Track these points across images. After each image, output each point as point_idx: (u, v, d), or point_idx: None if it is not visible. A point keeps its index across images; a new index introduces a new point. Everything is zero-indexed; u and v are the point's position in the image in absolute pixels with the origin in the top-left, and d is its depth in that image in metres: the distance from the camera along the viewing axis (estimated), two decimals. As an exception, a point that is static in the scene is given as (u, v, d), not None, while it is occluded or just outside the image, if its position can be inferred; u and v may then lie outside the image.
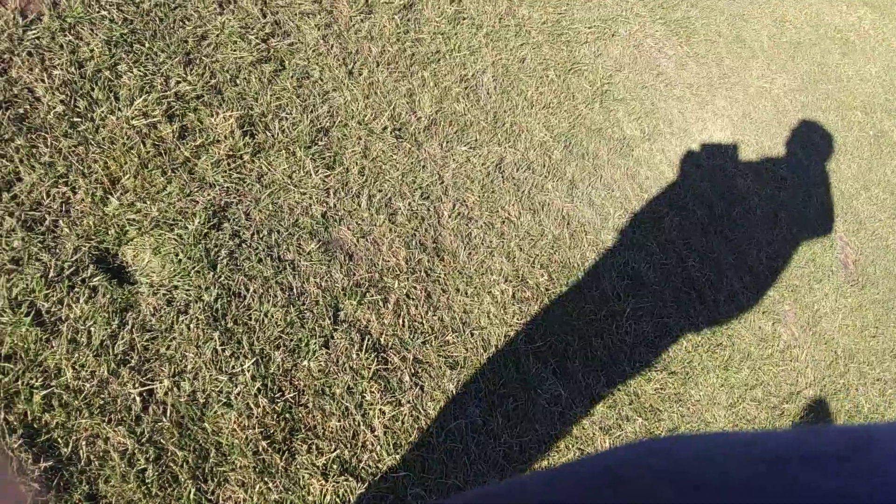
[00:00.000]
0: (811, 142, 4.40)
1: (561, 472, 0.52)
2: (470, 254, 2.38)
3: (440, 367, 2.09)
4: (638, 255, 2.89)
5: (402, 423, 1.94)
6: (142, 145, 1.91)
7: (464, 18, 3.04)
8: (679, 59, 3.97)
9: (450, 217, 2.41)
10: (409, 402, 1.98)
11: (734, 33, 4.54)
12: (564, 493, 0.48)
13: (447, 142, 2.59)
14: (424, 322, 2.15)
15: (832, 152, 4.44)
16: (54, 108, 1.83)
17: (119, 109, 1.93)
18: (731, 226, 3.41)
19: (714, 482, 0.40)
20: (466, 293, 2.29)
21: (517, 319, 2.34)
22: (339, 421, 1.84)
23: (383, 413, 1.91)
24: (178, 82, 2.07)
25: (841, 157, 4.49)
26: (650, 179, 3.23)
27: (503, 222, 2.55)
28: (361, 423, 1.87)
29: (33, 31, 1.90)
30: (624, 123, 3.35)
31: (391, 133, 2.45)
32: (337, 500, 1.74)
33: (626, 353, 2.54)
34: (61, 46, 1.93)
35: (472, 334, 2.22)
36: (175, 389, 1.67)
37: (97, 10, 2.03)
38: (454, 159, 2.57)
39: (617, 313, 2.62)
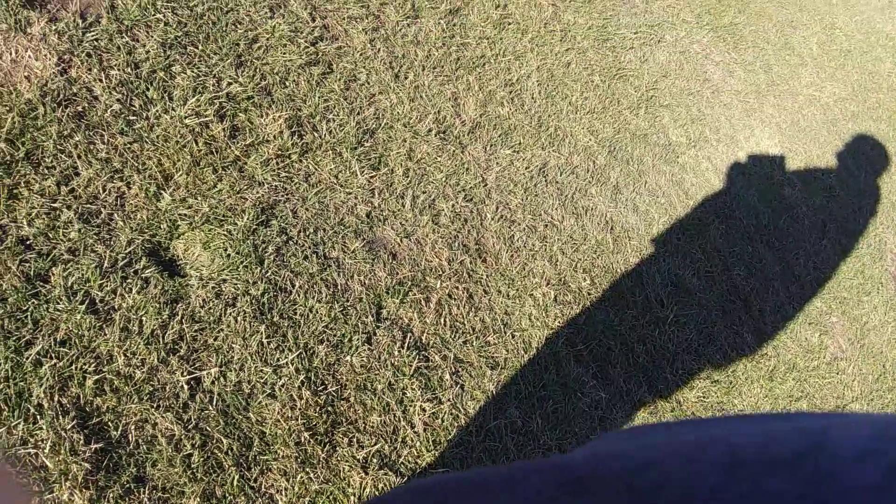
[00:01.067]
0: (861, 152, 4.32)
1: (520, 475, 0.51)
2: (512, 256, 2.39)
3: (481, 367, 2.10)
4: (682, 261, 2.86)
5: (442, 420, 1.95)
6: (194, 144, 1.97)
7: (509, 23, 3.06)
8: (726, 65, 3.94)
9: (493, 219, 2.42)
10: (449, 400, 1.99)
11: (782, 40, 4.49)
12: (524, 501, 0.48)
13: (491, 145, 2.61)
14: (466, 322, 2.16)
15: (884, 163, 4.36)
16: (111, 106, 1.89)
17: (173, 109, 1.99)
18: (777, 235, 3.37)
19: (673, 489, 0.40)
20: (508, 295, 2.30)
21: (558, 323, 2.35)
22: (380, 416, 1.86)
23: (424, 410, 1.93)
24: (230, 83, 2.13)
25: (892, 167, 4.40)
26: (696, 186, 3.21)
27: (546, 226, 2.55)
28: (402, 419, 1.89)
29: (92, 33, 1.97)
30: (669, 130, 3.33)
31: (436, 135, 2.48)
32: (376, 493, 1.76)
33: (669, 359, 2.52)
34: (118, 48, 1.99)
35: (513, 336, 2.22)
36: (221, 379, 1.70)
37: (153, 12, 2.10)
38: (497, 162, 2.58)
39: (660, 320, 2.60)
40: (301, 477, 1.68)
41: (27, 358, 1.52)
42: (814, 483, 0.35)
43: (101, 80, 1.92)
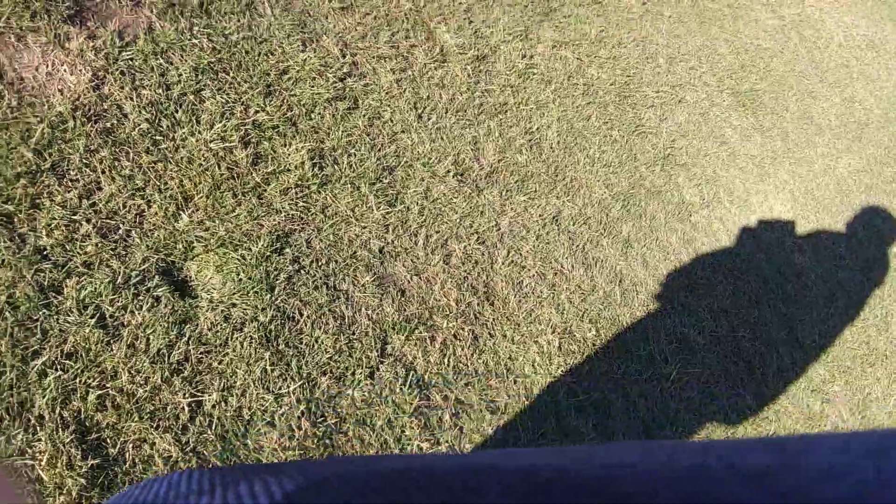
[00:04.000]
0: (873, 224, 4.33)
1: (485, 474, 0.49)
2: (520, 301, 2.40)
3: (481, 411, 2.10)
4: (688, 319, 2.87)
5: (439, 461, 1.94)
6: (217, 167, 2.00)
7: (534, 74, 3.11)
8: (744, 130, 3.98)
9: (503, 264, 2.44)
10: (447, 441, 1.99)
11: (802, 109, 4.54)
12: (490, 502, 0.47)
13: (507, 190, 2.64)
14: (469, 364, 2.17)
15: (894, 237, 4.37)
16: (139, 125, 1.93)
17: (199, 132, 2.02)
18: (784, 300, 3.37)
19: (638, 493, 0.40)
20: (513, 340, 2.30)
21: (561, 371, 2.35)
22: (377, 453, 1.86)
23: (421, 449, 1.93)
24: (257, 111, 2.17)
25: (904, 241, 4.41)
26: (706, 246, 3.23)
27: (555, 274, 2.57)
28: (399, 457, 1.89)
29: (128, 52, 2.02)
30: (684, 189, 3.36)
31: (453, 177, 2.51)
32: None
33: (670, 416, 2.51)
34: (152, 69, 2.03)
35: (515, 381, 2.23)
36: (223, 403, 1.71)
37: (189, 37, 2.15)
38: (512, 208, 2.61)
39: (663, 376, 2.60)
40: (294, 508, 1.67)
41: (33, 368, 1.53)
42: (781, 497, 0.35)
43: (132, 99, 1.96)
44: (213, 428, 1.68)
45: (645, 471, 0.43)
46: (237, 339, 1.81)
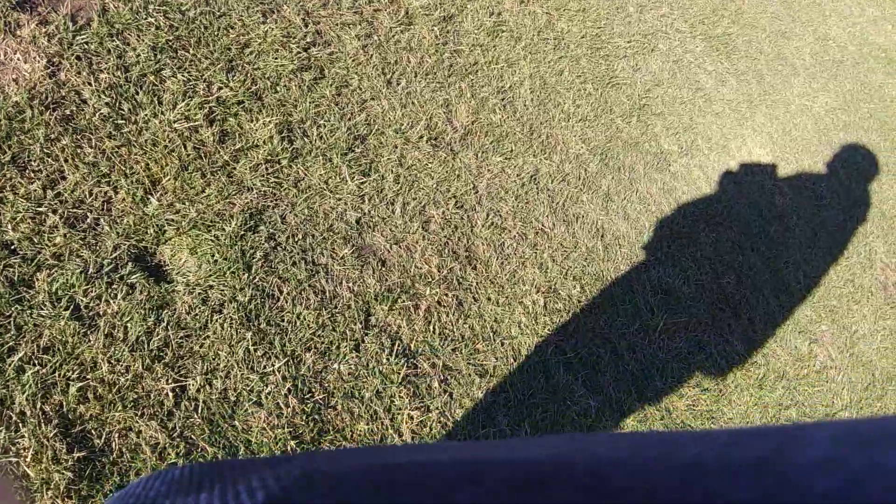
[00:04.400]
0: (853, 161, 4.33)
1: (481, 466, 0.51)
2: (502, 264, 2.38)
3: (469, 375, 2.09)
4: (672, 269, 2.86)
5: (430, 428, 1.94)
6: (183, 148, 1.96)
7: (503, 31, 3.06)
8: (719, 75, 3.95)
9: (483, 226, 2.42)
10: (437, 408, 1.98)
11: (776, 50, 4.50)
12: (487, 494, 0.47)
13: (482, 152, 2.61)
14: (455, 329, 2.15)
15: (875, 172, 4.37)
16: (100, 110, 1.88)
17: (162, 113, 1.98)
18: (768, 243, 3.37)
19: (632, 488, 0.40)
20: (498, 302, 2.29)
21: (548, 330, 2.34)
22: (368, 424, 1.85)
23: (411, 418, 1.92)
24: (220, 88, 2.12)
25: (883, 177, 4.41)
26: (687, 195, 3.21)
27: (536, 233, 2.55)
28: (389, 427, 1.88)
29: (82, 36, 1.96)
30: (661, 138, 3.34)
31: (427, 142, 2.47)
32: (363, 502, 1.74)
33: (659, 367, 2.51)
34: (109, 51, 1.98)
35: (502, 343, 2.22)
36: (207, 387, 1.69)
37: (144, 16, 2.09)
38: (489, 169, 2.58)
39: (650, 328, 2.60)
40: (286, 486, 1.66)
41: (10, 365, 1.50)
42: (773, 491, 0.35)
43: (90, 84, 1.90)
44: (200, 412, 1.66)
45: (639, 465, 0.43)
46: (217, 321, 1.78)
